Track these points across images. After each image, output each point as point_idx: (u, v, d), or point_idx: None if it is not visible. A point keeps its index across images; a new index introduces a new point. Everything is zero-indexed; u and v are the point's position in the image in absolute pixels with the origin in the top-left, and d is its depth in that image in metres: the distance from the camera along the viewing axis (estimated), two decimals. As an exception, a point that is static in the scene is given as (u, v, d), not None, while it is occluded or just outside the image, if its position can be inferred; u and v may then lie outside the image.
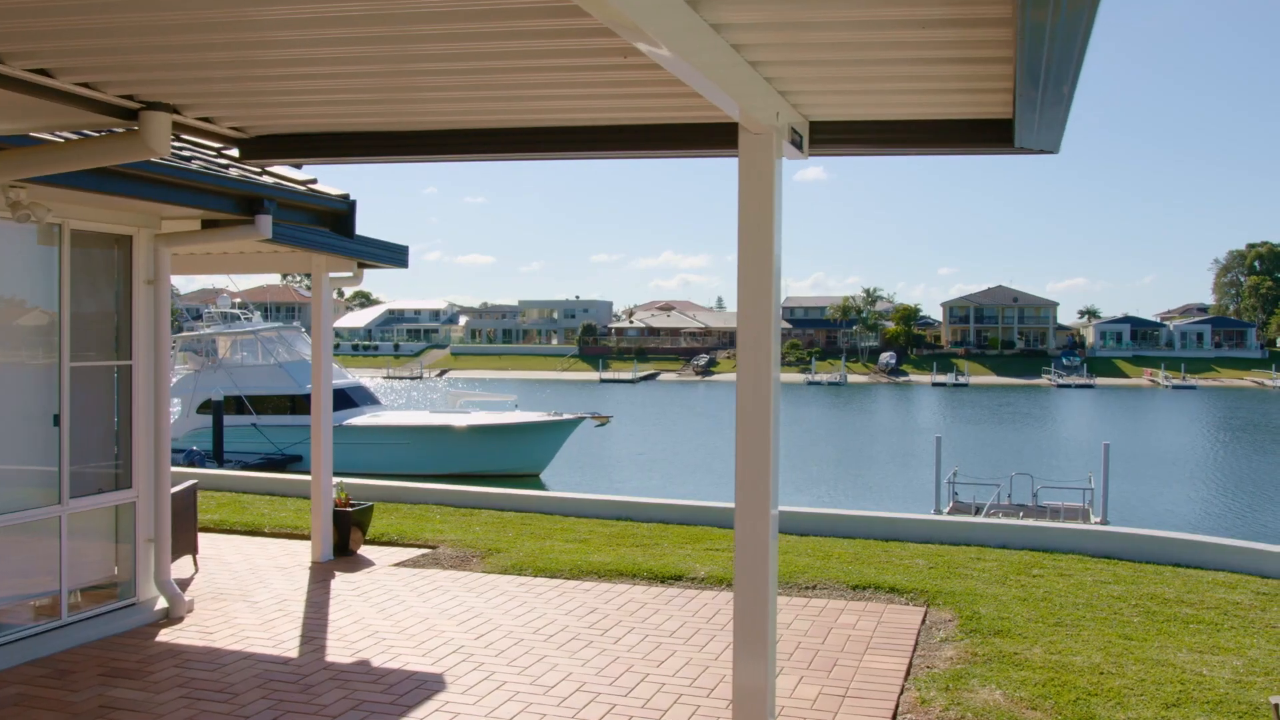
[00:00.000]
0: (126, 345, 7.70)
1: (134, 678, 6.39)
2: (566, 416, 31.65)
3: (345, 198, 8.29)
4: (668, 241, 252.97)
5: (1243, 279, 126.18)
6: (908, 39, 4.11)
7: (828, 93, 5.01)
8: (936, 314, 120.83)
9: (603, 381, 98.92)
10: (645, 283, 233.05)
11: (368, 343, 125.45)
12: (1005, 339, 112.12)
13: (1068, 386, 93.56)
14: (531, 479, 30.07)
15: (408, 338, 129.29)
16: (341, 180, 14.57)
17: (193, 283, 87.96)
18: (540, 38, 4.23)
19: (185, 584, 8.70)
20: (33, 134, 5.78)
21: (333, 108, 5.57)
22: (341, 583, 8.89)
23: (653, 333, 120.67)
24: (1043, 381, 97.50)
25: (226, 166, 7.21)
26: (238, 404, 31.63)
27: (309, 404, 9.95)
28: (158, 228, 7.83)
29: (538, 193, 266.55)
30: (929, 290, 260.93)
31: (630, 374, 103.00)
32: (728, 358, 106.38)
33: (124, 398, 7.72)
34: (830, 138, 5.45)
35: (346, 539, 9.93)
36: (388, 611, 7.95)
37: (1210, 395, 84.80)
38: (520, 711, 5.88)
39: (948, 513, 20.55)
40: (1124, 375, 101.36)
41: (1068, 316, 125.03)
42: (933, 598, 8.12)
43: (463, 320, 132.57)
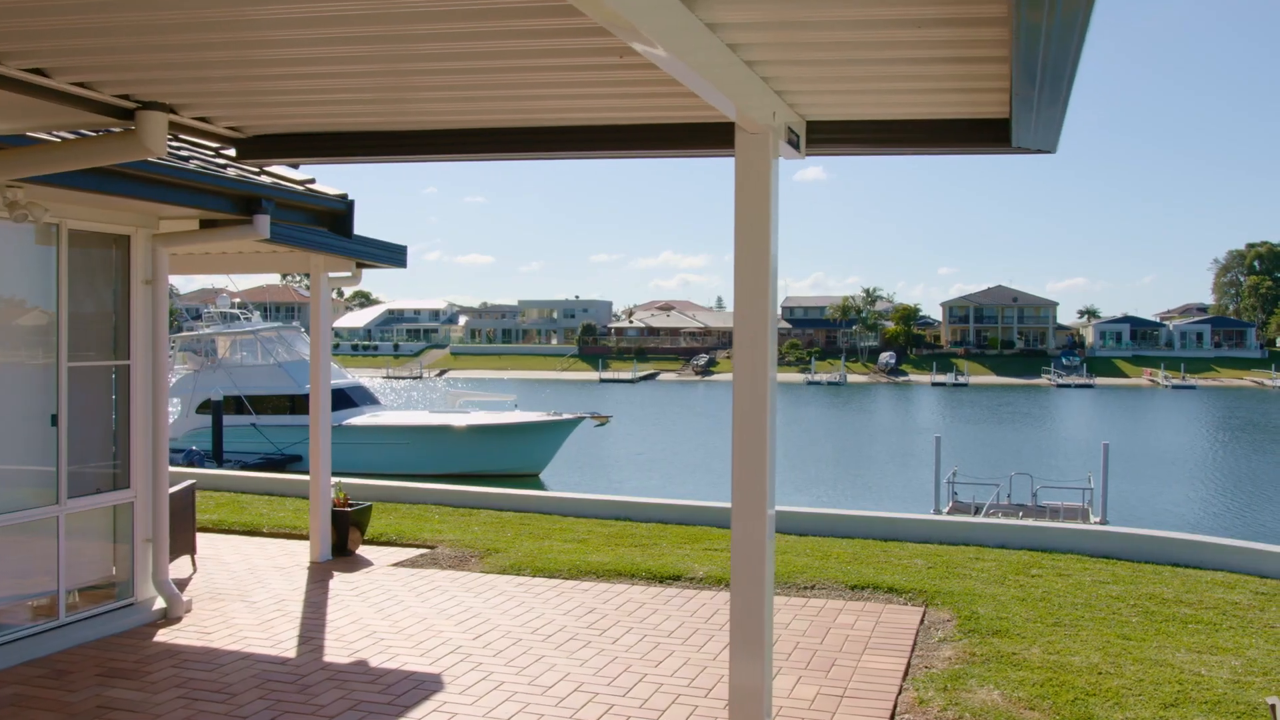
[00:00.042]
0: (125, 345, 7.70)
1: (132, 678, 6.39)
2: (566, 416, 31.65)
3: (343, 197, 8.29)
4: (667, 241, 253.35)
5: (1242, 279, 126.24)
6: (904, 38, 4.12)
7: (824, 92, 5.02)
8: (936, 314, 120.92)
9: (602, 381, 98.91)
10: (645, 283, 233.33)
11: (367, 343, 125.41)
12: (1005, 339, 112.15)
13: (1067, 386, 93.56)
14: (531, 479, 30.06)
15: (407, 338, 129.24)
16: (340, 180, 14.58)
17: (192, 283, 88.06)
18: (537, 37, 4.23)
19: (183, 584, 8.69)
20: (29, 134, 5.78)
21: (330, 107, 5.57)
22: (340, 583, 8.89)
23: (652, 332, 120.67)
24: (1042, 381, 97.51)
25: (224, 166, 7.20)
26: (237, 404, 31.64)
27: (308, 404, 9.94)
28: (156, 228, 7.83)
29: (537, 193, 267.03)
30: (929, 290, 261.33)
31: (630, 374, 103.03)
32: (727, 357, 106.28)
33: (122, 398, 7.73)
34: (827, 137, 5.46)
35: (345, 539, 9.93)
36: (386, 611, 7.95)
37: (1210, 395, 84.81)
38: (518, 712, 5.88)
39: (947, 513, 20.54)
40: (1124, 375, 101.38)
41: (1067, 316, 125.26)
42: (931, 598, 8.12)
43: (462, 320, 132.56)
